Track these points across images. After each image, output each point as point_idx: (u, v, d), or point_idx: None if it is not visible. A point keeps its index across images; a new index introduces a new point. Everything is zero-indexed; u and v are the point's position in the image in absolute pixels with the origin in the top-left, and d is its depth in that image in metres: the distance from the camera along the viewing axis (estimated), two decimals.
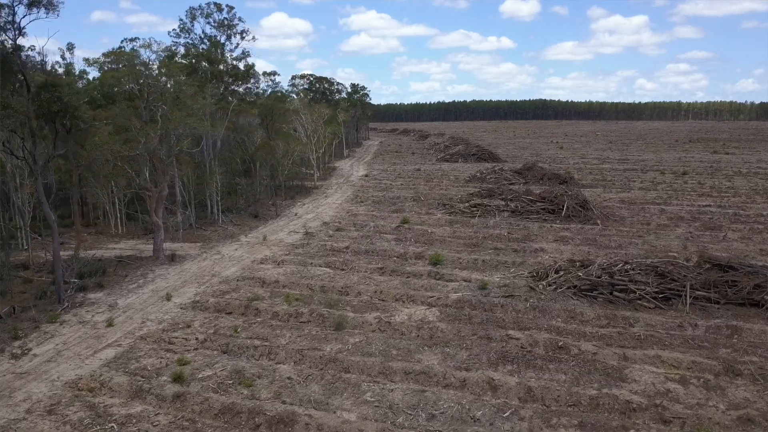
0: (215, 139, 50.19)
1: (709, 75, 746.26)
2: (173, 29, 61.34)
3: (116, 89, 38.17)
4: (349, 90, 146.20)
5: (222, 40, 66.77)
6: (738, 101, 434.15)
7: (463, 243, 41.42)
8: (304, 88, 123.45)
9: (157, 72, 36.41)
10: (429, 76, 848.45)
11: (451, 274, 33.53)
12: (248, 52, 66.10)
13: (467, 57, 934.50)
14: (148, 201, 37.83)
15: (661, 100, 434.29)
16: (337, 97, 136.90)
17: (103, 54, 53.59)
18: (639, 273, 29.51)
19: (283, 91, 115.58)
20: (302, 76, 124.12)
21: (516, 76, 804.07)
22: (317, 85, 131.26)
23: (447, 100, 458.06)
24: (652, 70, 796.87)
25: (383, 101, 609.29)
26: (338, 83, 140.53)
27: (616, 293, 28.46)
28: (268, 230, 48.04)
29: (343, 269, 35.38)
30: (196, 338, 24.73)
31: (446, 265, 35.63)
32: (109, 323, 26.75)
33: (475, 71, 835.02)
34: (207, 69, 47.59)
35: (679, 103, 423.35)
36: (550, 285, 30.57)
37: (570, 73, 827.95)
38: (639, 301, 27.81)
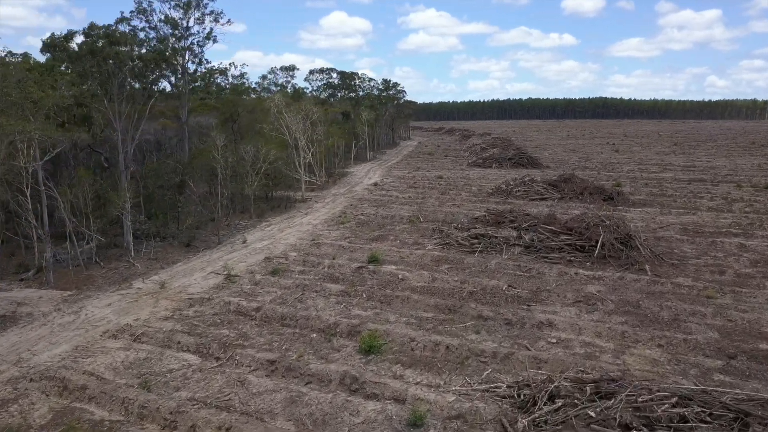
0: (126, 147, 37.93)
1: None
2: (131, 11, 49.70)
3: None
4: (381, 86, 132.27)
5: (190, 24, 55.47)
6: None
7: (434, 305, 27.68)
8: (324, 84, 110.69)
9: None
10: (488, 74, 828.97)
11: (379, 382, 19.89)
12: (214, 35, 55.02)
13: (527, 54, 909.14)
14: None
15: (734, 98, 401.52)
16: (371, 94, 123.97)
17: None
18: (704, 423, 15.26)
19: (298, 87, 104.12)
20: (321, 71, 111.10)
21: (578, 74, 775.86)
22: (343, 80, 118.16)
23: (503, 98, 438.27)
24: (724, 67, 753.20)
25: (439, 99, 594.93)
26: (370, 79, 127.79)
27: None
28: (186, 269, 35.35)
29: (217, 358, 22.26)
30: None
31: (384, 354, 22.10)
32: None
33: (536, 69, 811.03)
34: (112, 52, 35.18)
35: (754, 101, 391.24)
36: (536, 425, 16.66)
37: (635, 70, 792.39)
38: None
